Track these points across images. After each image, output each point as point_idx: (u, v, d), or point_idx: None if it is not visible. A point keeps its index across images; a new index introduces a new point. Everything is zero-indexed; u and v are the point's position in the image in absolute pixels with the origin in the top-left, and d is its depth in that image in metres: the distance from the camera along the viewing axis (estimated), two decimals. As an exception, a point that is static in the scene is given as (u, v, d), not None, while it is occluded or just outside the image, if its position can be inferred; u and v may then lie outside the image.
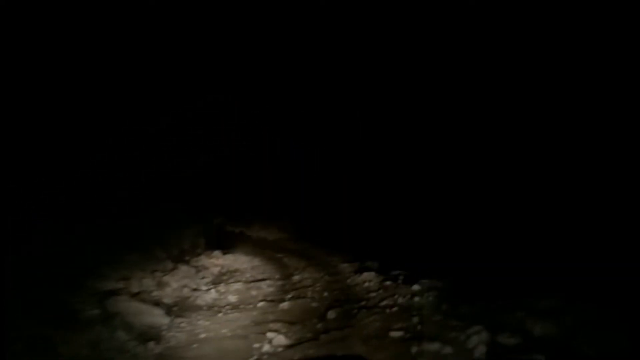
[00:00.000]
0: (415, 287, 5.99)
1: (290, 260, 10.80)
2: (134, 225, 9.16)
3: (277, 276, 8.78)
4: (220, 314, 5.73)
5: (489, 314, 4.73)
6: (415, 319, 4.96)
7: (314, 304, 5.96)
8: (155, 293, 7.15)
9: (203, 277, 9.13)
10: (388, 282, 6.65)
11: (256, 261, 11.44)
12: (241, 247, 13.72)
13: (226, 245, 12.88)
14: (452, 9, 8.98)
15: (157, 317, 5.27)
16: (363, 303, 5.82)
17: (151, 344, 4.46)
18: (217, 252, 12.02)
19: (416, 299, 5.65)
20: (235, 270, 10.18)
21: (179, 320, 5.40)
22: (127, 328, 4.75)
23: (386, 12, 10.41)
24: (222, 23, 12.92)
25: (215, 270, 10.42)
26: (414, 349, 4.23)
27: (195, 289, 7.88)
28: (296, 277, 8.32)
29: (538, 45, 7.44)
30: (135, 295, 6.24)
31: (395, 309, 5.43)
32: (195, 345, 4.53)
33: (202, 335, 4.84)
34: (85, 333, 4.46)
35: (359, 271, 7.86)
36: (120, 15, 9.27)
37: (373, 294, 6.22)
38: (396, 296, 5.85)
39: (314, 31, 12.28)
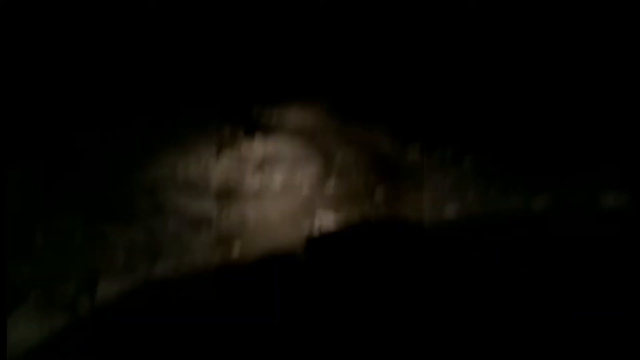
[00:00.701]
0: (466, 164, 5.70)
1: (331, 141, 10.55)
2: (172, 116, 9.02)
3: (319, 158, 8.61)
4: (267, 200, 5.70)
5: (545, 187, 4.47)
6: (470, 197, 4.76)
7: (360, 184, 5.83)
8: (201, 181, 7.19)
9: (246, 163, 9.12)
10: (436, 160, 6.37)
11: (297, 143, 11.28)
12: (281, 130, 13.55)
13: (266, 129, 12.73)
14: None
15: (206, 206, 5.28)
16: (411, 182, 5.67)
17: (203, 231, 4.50)
18: (257, 137, 11.93)
19: (467, 176, 5.39)
20: (277, 154, 10.09)
21: (227, 207, 5.40)
22: (178, 217, 4.79)
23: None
24: None
25: (258, 155, 10.38)
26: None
27: (240, 176, 7.87)
28: (339, 158, 8.13)
29: None
30: (181, 185, 6.26)
31: (445, 186, 5.22)
32: (246, 230, 4.56)
33: (252, 221, 4.85)
34: (138, 225, 4.53)
35: (404, 149, 7.56)
36: None
37: (420, 172, 6.02)
38: (445, 174, 5.61)
39: None
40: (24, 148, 4.87)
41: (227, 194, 6.20)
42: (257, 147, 10.68)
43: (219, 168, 8.11)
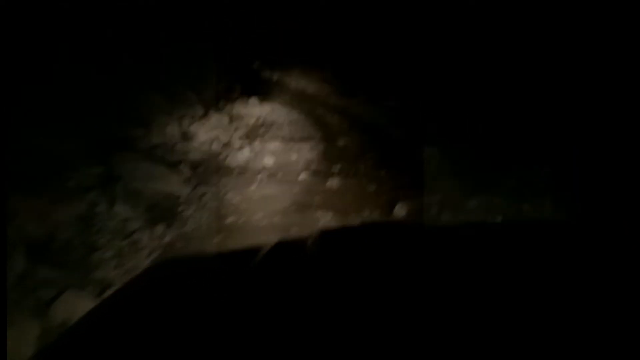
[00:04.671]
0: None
1: (333, 118, 9.14)
2: (161, 64, 7.45)
3: (319, 137, 7.22)
4: (253, 186, 4.33)
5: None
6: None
7: (371, 187, 4.41)
8: (178, 147, 5.76)
9: (236, 129, 7.67)
10: (455, 158, 5.04)
11: (295, 114, 9.82)
12: (279, 95, 12.02)
13: (263, 91, 11.20)
14: None
15: (174, 185, 3.89)
16: (437, 197, 4.04)
17: (160, 228, 3.15)
18: (253, 99, 10.40)
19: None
20: (272, 123, 8.65)
21: (201, 190, 4.03)
22: (132, 199, 3.41)
23: None
24: None
25: (251, 120, 8.91)
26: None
27: (226, 144, 6.46)
28: (342, 142, 6.75)
29: None
30: (151, 150, 4.83)
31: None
32: (218, 236, 3.20)
33: (229, 219, 3.48)
34: (75, 203, 3.17)
35: (419, 141, 6.19)
36: None
37: (446, 180, 4.51)
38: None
39: None
40: None
41: (205, 170, 4.81)
42: (251, 112, 9.27)
43: (202, 133, 6.68)
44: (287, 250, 0.99)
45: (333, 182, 4.46)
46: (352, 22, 13.13)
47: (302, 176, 4.77)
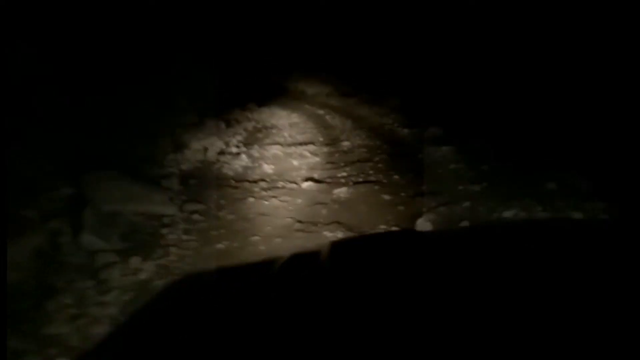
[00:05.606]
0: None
1: (335, 119, 8.55)
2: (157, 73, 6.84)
3: (321, 139, 6.62)
4: (251, 199, 3.73)
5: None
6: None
7: (386, 196, 3.73)
8: (170, 157, 5.18)
9: (234, 134, 7.10)
10: (475, 160, 4.41)
11: (295, 117, 9.25)
12: (278, 99, 11.45)
13: (261, 97, 10.62)
14: None
15: (158, 205, 3.30)
16: (466, 204, 3.30)
17: (135, 261, 2.55)
18: (251, 104, 9.82)
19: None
20: (272, 127, 8.08)
21: (190, 208, 3.43)
22: (103, 226, 2.81)
23: None
24: None
25: (249, 125, 8.34)
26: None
27: (222, 152, 5.87)
28: (346, 144, 6.14)
29: None
30: (138, 163, 4.24)
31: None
32: (207, 267, 2.58)
33: (220, 246, 2.86)
34: (33, 236, 2.58)
35: (431, 142, 5.58)
36: None
37: (471, 186, 3.72)
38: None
39: None
40: None
41: (197, 182, 4.18)
42: (249, 117, 8.71)
43: (195, 141, 6.08)
44: (299, 265, 0.94)
45: (342, 192, 3.85)
46: (352, 23, 12.52)
47: (306, 185, 4.17)
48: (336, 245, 0.95)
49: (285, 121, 8.63)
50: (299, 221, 3.21)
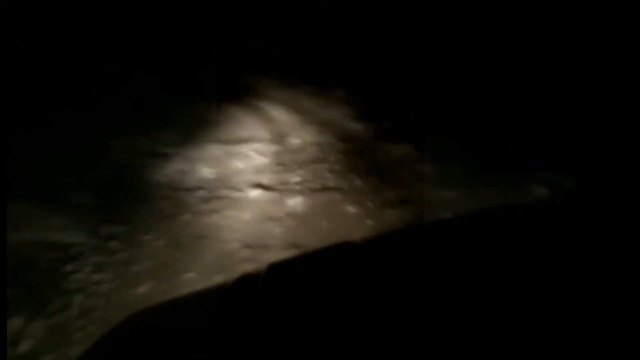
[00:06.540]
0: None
1: (279, 113, 7.85)
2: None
3: (266, 136, 5.93)
4: (187, 215, 3.00)
5: None
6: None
7: (351, 207, 3.10)
8: (84, 162, 4.25)
9: (166, 132, 6.21)
10: (441, 160, 3.95)
11: (232, 109, 8.44)
12: (217, 92, 10.51)
13: (199, 90, 9.66)
14: None
15: (61, 230, 2.50)
16: (446, 214, 2.87)
17: (17, 322, 1.79)
18: (187, 98, 8.87)
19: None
20: (210, 122, 7.25)
21: (106, 231, 2.64)
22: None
23: None
24: None
25: (184, 120, 7.45)
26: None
27: (151, 152, 5.02)
28: (295, 141, 5.51)
29: None
30: (37, 172, 3.34)
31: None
32: (91, 327, 1.84)
33: (141, 290, 2.12)
34: None
35: (387, 138, 5.07)
36: None
37: (445, 192, 3.28)
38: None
39: None
40: None
41: (114, 189, 3.37)
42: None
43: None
44: (242, 289, 0.90)
45: (296, 203, 3.22)
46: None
47: (254, 194, 3.49)
48: (273, 266, 0.94)
49: (224, 115, 7.83)
50: (247, 245, 2.55)
